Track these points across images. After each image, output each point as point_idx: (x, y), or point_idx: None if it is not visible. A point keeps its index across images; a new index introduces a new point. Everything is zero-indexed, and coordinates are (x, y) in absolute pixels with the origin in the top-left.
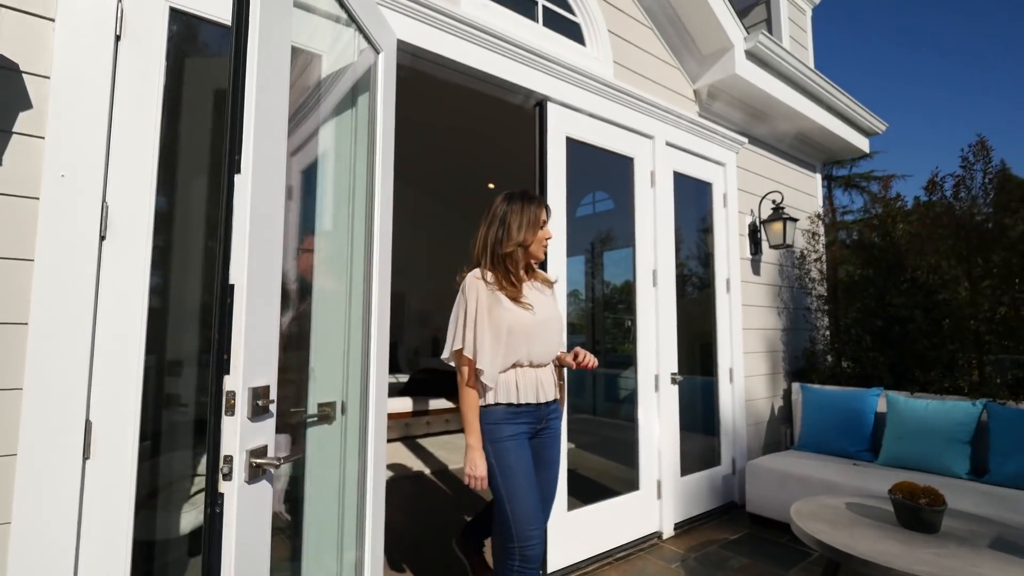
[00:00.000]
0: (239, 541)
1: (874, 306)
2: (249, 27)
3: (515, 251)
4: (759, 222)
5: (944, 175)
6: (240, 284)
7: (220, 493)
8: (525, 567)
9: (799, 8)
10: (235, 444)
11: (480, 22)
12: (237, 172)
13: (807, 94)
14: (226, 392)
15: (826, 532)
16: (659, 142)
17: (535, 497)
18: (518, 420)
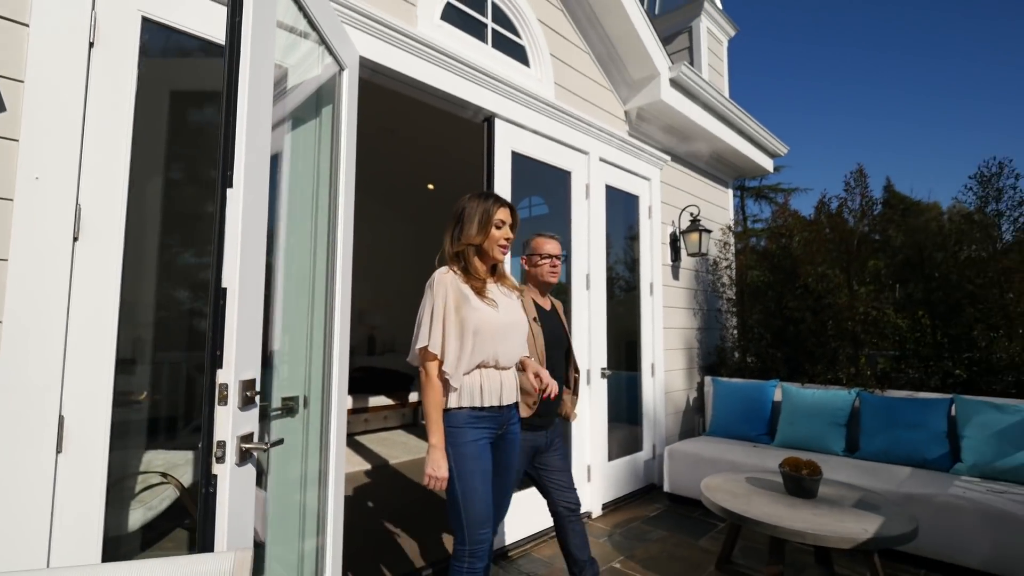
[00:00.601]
0: (231, 515)
1: (774, 308)
2: (241, 55)
3: (466, 250)
4: (679, 232)
5: (831, 196)
6: (232, 288)
7: (214, 475)
8: (475, 565)
9: (717, 39)
10: (228, 431)
11: (436, 43)
12: (229, 187)
13: (722, 119)
14: (219, 384)
15: (729, 501)
16: (594, 158)
17: (489, 502)
18: (480, 425)
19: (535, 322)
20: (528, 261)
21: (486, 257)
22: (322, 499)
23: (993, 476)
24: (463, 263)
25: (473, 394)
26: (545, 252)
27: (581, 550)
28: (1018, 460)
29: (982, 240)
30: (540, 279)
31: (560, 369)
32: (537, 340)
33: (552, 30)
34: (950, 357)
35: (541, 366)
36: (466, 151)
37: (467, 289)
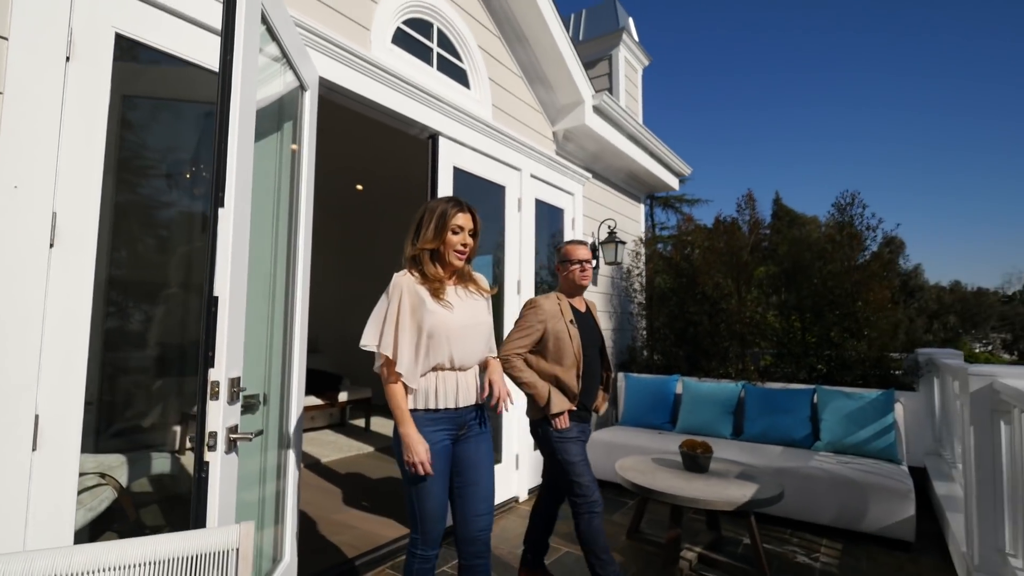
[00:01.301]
0: (221, 496)
1: (677, 312)
2: (232, 91)
3: (421, 254)
4: (598, 243)
5: (726, 215)
6: (223, 296)
7: (206, 462)
8: (427, 552)
9: (633, 67)
10: (219, 423)
11: (387, 65)
12: (221, 206)
13: (636, 142)
14: (211, 382)
15: (638, 477)
16: (525, 174)
17: (443, 500)
18: (437, 426)
19: (571, 324)
20: (561, 268)
21: (443, 262)
22: (281, 490)
23: (842, 451)
24: (420, 266)
25: (428, 396)
26: (576, 258)
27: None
28: (861, 437)
29: (841, 257)
30: (574, 283)
31: (596, 366)
32: (574, 341)
33: (490, 55)
34: (815, 354)
35: (577, 366)
36: (398, 158)
37: (424, 292)
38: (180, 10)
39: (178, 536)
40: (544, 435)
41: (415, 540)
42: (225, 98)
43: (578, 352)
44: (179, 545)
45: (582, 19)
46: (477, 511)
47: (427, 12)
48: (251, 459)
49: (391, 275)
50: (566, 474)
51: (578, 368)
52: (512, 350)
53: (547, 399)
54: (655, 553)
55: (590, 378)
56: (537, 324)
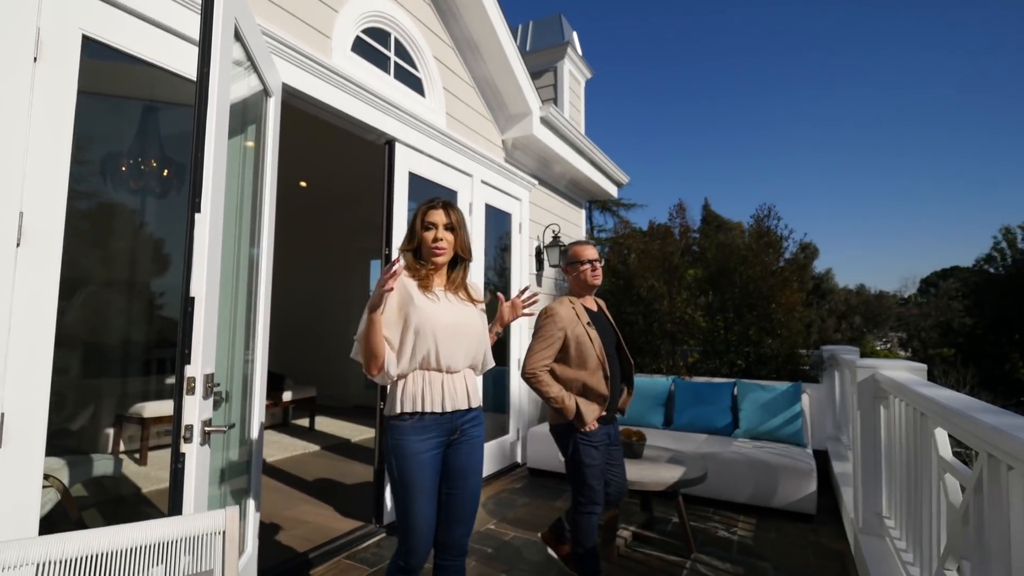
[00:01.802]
0: (196, 485)
1: (614, 312)
2: (208, 102)
3: (405, 255)
4: (543, 246)
5: (659, 222)
6: (199, 297)
7: (182, 453)
8: (411, 564)
9: (576, 80)
10: (194, 416)
11: (347, 73)
12: (198, 212)
13: (579, 152)
14: (187, 377)
15: None
16: (476, 180)
17: (430, 515)
18: (426, 434)
19: (589, 327)
20: (569, 270)
21: (426, 261)
22: (245, 482)
23: (757, 437)
24: (413, 268)
25: (415, 400)
26: (585, 258)
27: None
28: (773, 424)
29: (759, 264)
30: (585, 283)
31: (616, 364)
32: (595, 343)
33: (445, 66)
34: (736, 351)
35: (602, 367)
36: (345, 157)
37: (412, 287)
38: (145, 13)
39: (168, 521)
40: (566, 437)
41: (400, 552)
42: (202, 110)
43: (601, 354)
44: (169, 529)
45: (529, 30)
46: (460, 518)
47: (385, 22)
48: (215, 452)
49: (335, 272)
50: (580, 475)
51: (604, 370)
52: (537, 364)
53: (576, 412)
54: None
55: (614, 379)
56: (557, 333)
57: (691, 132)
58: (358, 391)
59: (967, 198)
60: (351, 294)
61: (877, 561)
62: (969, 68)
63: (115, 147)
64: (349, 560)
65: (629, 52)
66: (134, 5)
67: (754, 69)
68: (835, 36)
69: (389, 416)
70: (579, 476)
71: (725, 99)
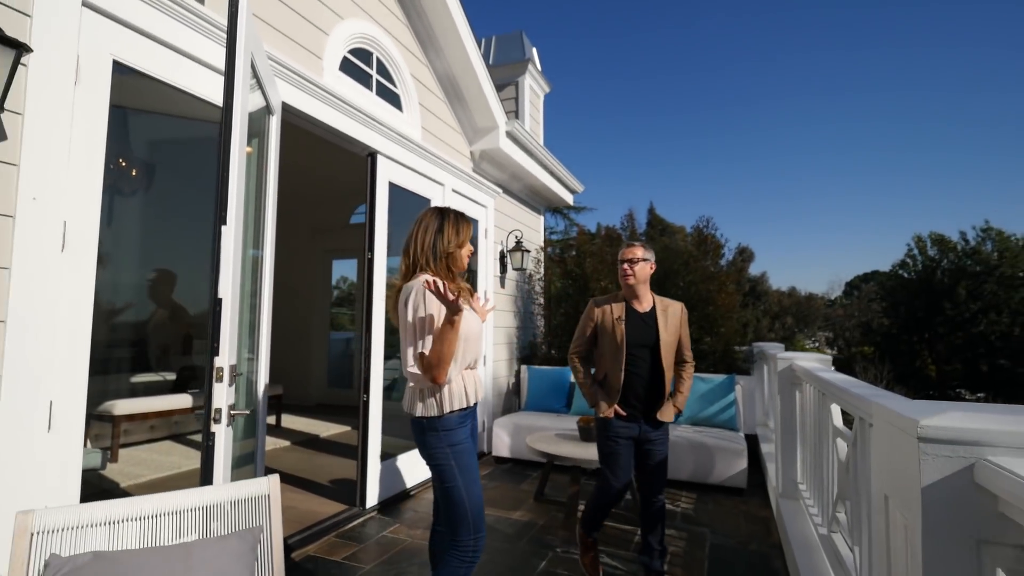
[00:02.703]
0: (225, 458)
1: (571, 312)
2: (232, 130)
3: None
4: (506, 251)
5: (608, 225)
6: (226, 298)
7: (212, 432)
8: (476, 556)
9: (536, 94)
10: (222, 401)
11: (336, 91)
12: (224, 224)
13: (540, 163)
14: (216, 368)
15: (546, 446)
16: (447, 188)
17: (481, 490)
18: (465, 423)
19: (619, 321)
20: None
21: (452, 274)
22: (258, 459)
23: (698, 423)
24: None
25: (462, 397)
26: (619, 259)
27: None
28: (711, 412)
29: (699, 269)
30: (621, 282)
31: (645, 364)
32: (618, 338)
33: (420, 83)
34: None
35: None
36: (309, 160)
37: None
38: (169, 40)
39: (224, 487)
40: (596, 427)
41: (467, 543)
42: (227, 136)
43: (621, 351)
44: (226, 493)
45: (492, 44)
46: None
47: (368, 43)
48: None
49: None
50: (601, 460)
51: (622, 364)
52: (572, 350)
53: (594, 402)
54: (558, 510)
55: (635, 376)
56: (588, 323)
57: (637, 138)
58: (320, 390)
59: (886, 207)
60: (314, 294)
61: (792, 518)
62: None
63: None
64: (338, 538)
65: (578, 62)
66: (157, 33)
67: (689, 82)
68: (774, 44)
69: (435, 417)
70: (601, 461)
71: (668, 107)
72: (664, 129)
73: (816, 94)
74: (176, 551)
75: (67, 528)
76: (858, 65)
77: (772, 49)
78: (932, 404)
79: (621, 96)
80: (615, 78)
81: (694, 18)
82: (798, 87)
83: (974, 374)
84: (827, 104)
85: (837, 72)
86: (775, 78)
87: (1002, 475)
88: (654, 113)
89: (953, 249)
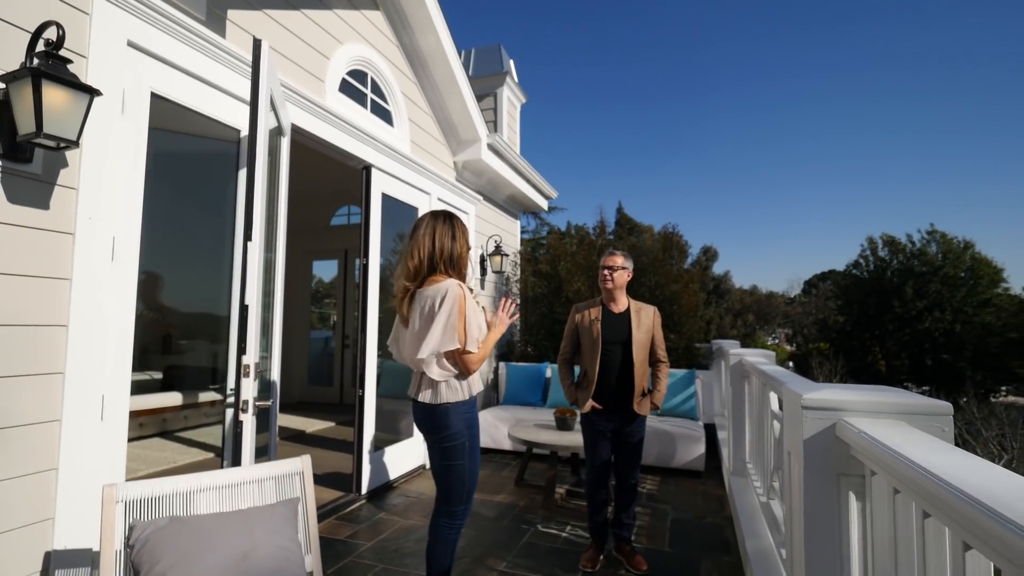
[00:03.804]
0: (250, 443)
1: (547, 312)
2: (257, 158)
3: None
4: (487, 254)
5: (578, 224)
6: (252, 304)
7: (240, 421)
8: (464, 522)
9: (513, 105)
10: (249, 393)
11: (336, 111)
12: (250, 240)
13: (518, 172)
14: (243, 365)
15: (526, 434)
16: (434, 197)
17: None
18: (472, 411)
19: (595, 322)
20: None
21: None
22: (272, 445)
23: (662, 413)
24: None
25: (479, 384)
26: (601, 264)
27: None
28: (674, 403)
29: (664, 271)
30: (601, 287)
31: (616, 359)
32: (593, 337)
33: (410, 100)
34: None
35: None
36: (294, 163)
37: (475, 302)
38: (195, 71)
39: (266, 465)
40: (580, 422)
41: (461, 511)
42: (251, 162)
43: (596, 347)
44: (268, 471)
45: (472, 57)
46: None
47: (364, 64)
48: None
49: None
50: (585, 449)
51: (597, 359)
52: (560, 356)
53: (574, 400)
54: (537, 493)
55: (607, 371)
56: (571, 327)
57: (606, 136)
58: (300, 388)
59: (842, 208)
60: (295, 294)
61: (741, 492)
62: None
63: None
64: (339, 520)
65: (549, 59)
66: (187, 66)
67: (658, 76)
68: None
69: (460, 401)
70: (584, 447)
71: (634, 105)
72: (633, 123)
73: (768, 112)
74: (236, 515)
75: (143, 498)
76: (815, 84)
77: (737, 71)
78: (814, 384)
79: (591, 91)
80: (586, 69)
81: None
82: (762, 108)
83: (920, 368)
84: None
85: (797, 91)
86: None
87: (851, 430)
88: (622, 104)
89: (902, 250)
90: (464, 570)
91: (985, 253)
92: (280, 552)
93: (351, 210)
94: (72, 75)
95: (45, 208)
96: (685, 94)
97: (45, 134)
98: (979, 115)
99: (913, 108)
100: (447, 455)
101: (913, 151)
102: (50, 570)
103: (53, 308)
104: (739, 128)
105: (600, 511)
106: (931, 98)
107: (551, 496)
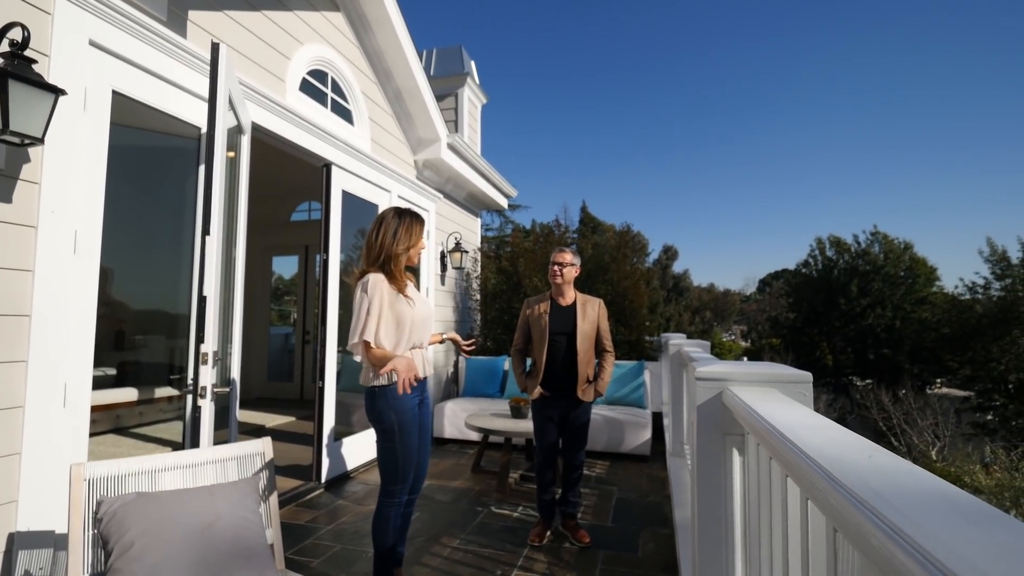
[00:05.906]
0: (208, 428)
1: (505, 307)
2: (215, 155)
3: (402, 255)
4: (447, 251)
5: (542, 222)
6: (210, 295)
7: (198, 406)
8: (402, 497)
9: (474, 105)
10: (207, 380)
11: (297, 110)
12: (207, 234)
13: (478, 171)
14: (202, 352)
15: (482, 422)
16: (394, 195)
17: (416, 451)
18: (413, 393)
19: (544, 314)
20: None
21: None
22: (231, 428)
23: (613, 402)
24: (389, 268)
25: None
26: (551, 260)
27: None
28: (623, 392)
29: (619, 269)
30: (551, 282)
31: (561, 350)
32: (542, 328)
33: (370, 99)
34: None
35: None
36: (253, 159)
37: (394, 295)
38: (155, 70)
39: (229, 446)
40: (532, 408)
41: (396, 490)
42: (209, 160)
43: (544, 338)
44: (230, 451)
45: (433, 56)
46: (427, 460)
47: (324, 64)
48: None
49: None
50: (534, 432)
51: (544, 348)
52: (513, 347)
53: (524, 387)
54: (492, 478)
55: (553, 360)
56: (522, 318)
57: (569, 135)
58: (260, 384)
59: (796, 207)
60: (254, 289)
61: (677, 471)
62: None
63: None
64: (299, 507)
65: (511, 64)
66: (148, 65)
67: (625, 78)
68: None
69: (385, 385)
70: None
71: (598, 105)
72: (599, 125)
73: (735, 112)
74: (201, 490)
75: (109, 476)
76: (779, 84)
77: (701, 78)
78: (709, 359)
79: (554, 93)
80: (550, 75)
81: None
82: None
83: (863, 362)
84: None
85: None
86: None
87: (733, 397)
88: (586, 108)
89: (848, 250)
90: (419, 547)
91: (922, 254)
92: (242, 522)
93: (312, 206)
94: (38, 75)
95: (8, 202)
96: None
97: (11, 131)
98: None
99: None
100: (380, 437)
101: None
102: (14, 550)
103: (16, 298)
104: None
105: (547, 490)
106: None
107: (505, 480)
